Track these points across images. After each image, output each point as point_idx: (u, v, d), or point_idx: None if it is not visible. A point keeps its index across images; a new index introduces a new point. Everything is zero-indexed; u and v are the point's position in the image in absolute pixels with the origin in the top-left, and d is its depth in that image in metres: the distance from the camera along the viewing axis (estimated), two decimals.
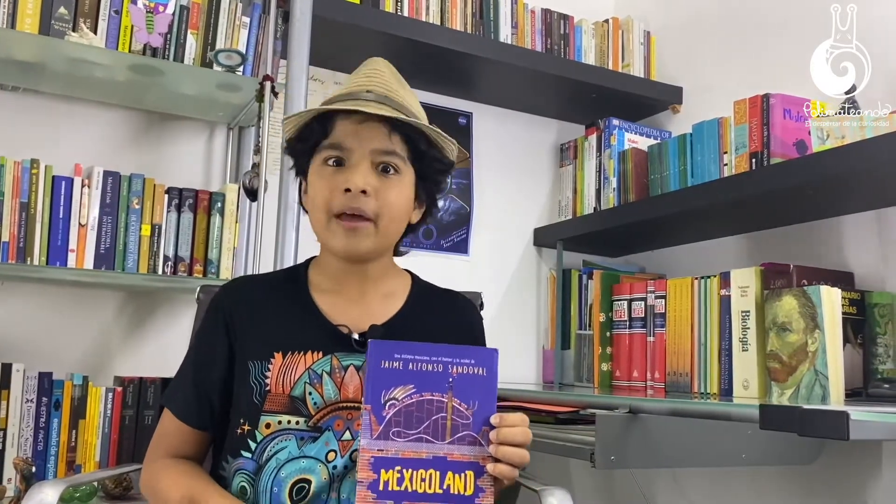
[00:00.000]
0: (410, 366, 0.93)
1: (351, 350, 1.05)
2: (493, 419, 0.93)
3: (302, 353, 1.04)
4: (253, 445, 1.02)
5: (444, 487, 0.91)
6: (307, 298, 1.09)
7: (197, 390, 1.07)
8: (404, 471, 0.91)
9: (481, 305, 1.38)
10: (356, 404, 1.02)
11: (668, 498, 2.15)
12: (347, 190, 1.01)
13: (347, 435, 1.02)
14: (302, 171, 1.11)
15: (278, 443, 1.01)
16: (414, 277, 1.18)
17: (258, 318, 1.08)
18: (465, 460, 0.92)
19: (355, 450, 1.00)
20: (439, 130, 1.06)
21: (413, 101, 1.09)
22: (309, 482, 1.00)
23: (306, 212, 1.12)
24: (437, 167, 1.09)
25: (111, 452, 1.71)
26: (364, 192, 1.01)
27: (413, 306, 1.13)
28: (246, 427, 1.03)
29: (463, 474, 0.92)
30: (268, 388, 1.02)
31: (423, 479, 0.91)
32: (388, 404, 0.92)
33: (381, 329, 1.07)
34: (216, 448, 1.11)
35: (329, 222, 1.03)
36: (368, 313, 1.09)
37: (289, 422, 1.02)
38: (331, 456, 1.01)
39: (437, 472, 0.91)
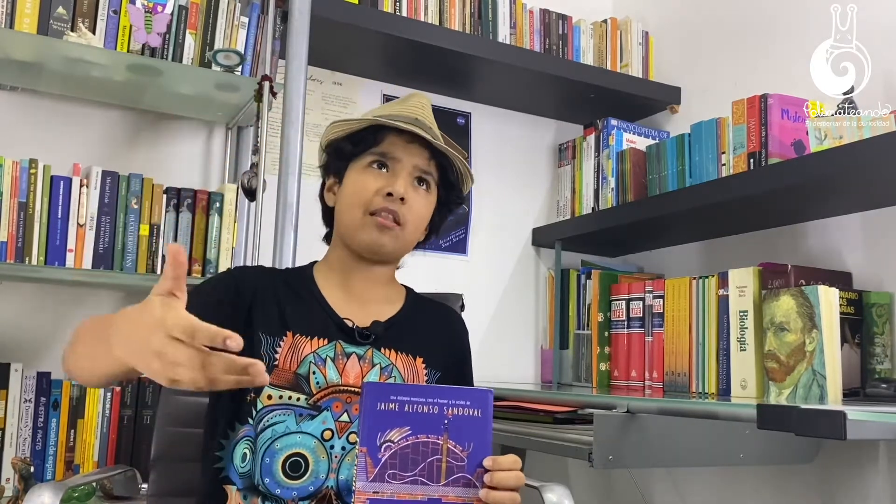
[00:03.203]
0: (406, 407, 0.93)
1: (353, 341, 1.12)
2: (487, 462, 0.94)
3: (309, 337, 1.10)
4: (254, 413, 1.06)
5: None
6: (317, 292, 1.16)
7: None
8: None
9: (462, 307, 1.44)
10: (355, 389, 1.08)
11: (665, 497, 2.15)
12: (389, 194, 1.11)
13: (345, 417, 1.07)
14: (335, 169, 1.19)
15: (277, 415, 1.05)
16: (408, 289, 1.26)
17: (272, 297, 1.13)
18: (460, 502, 0.93)
19: (352, 432, 1.06)
20: (468, 165, 1.21)
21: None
22: (304, 457, 1.04)
23: (324, 206, 1.22)
24: (455, 197, 1.23)
25: (109, 452, 1.71)
26: (402, 199, 1.12)
27: (410, 311, 1.21)
28: (251, 396, 1.07)
29: None
30: (276, 362, 1.07)
31: None
32: (383, 446, 0.92)
33: (382, 325, 1.14)
34: (212, 418, 1.11)
35: (364, 217, 1.12)
36: (370, 312, 1.16)
37: (290, 397, 1.07)
38: (327, 435, 1.06)
39: None
